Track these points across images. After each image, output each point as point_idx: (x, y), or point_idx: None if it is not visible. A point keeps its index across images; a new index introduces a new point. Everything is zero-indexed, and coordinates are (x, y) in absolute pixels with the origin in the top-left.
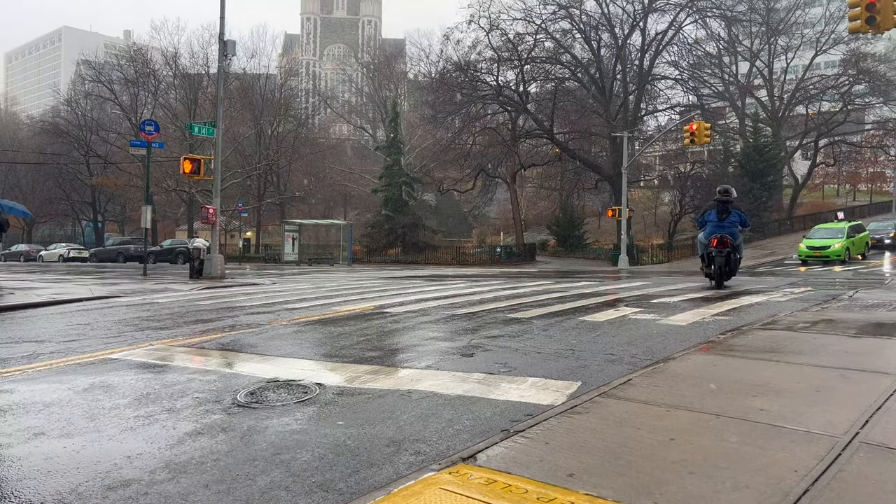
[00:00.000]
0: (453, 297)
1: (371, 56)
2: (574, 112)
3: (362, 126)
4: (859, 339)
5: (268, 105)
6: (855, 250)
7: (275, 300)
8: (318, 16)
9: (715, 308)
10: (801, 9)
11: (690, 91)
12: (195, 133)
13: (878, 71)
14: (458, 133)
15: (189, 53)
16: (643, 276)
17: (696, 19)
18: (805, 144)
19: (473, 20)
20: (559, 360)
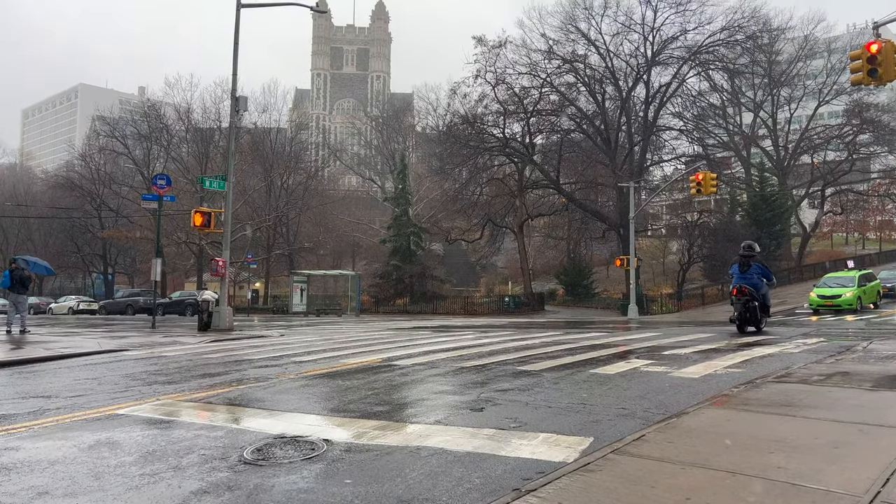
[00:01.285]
0: (462, 349)
1: (380, 110)
2: (580, 163)
3: (371, 178)
4: (876, 393)
5: (278, 158)
6: (867, 299)
7: (282, 353)
8: (329, 71)
9: (727, 360)
10: (803, 61)
11: (695, 141)
12: (206, 187)
13: (882, 121)
14: (465, 184)
15: (201, 108)
16: (653, 327)
17: (698, 72)
18: (812, 193)
19: (480, 75)
20: (570, 415)
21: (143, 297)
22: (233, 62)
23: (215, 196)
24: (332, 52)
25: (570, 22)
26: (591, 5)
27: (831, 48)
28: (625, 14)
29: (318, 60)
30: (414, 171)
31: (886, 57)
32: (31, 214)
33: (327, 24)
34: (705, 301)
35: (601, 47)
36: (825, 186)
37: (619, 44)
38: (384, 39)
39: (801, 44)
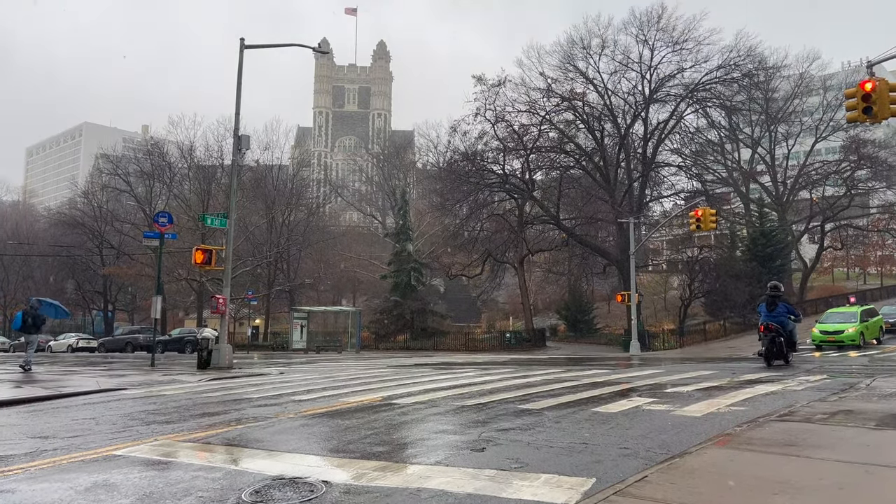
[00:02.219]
0: (463, 387)
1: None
2: (580, 198)
3: (372, 213)
4: (881, 432)
5: (280, 195)
6: (869, 335)
7: (282, 391)
8: (330, 110)
9: (730, 398)
10: (799, 98)
11: (694, 177)
12: (208, 224)
13: (879, 156)
14: (465, 220)
15: (204, 146)
16: (655, 363)
17: (696, 109)
18: (811, 229)
19: (480, 113)
20: (572, 455)
21: (143, 335)
22: (236, 101)
23: (217, 233)
24: (333, 90)
25: (568, 61)
26: (588, 45)
27: (827, 85)
28: (622, 53)
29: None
30: (415, 207)
31: (881, 95)
32: (32, 252)
33: (329, 63)
34: (707, 337)
35: (599, 85)
36: (824, 222)
37: (616, 82)
38: (385, 78)
39: (796, 81)
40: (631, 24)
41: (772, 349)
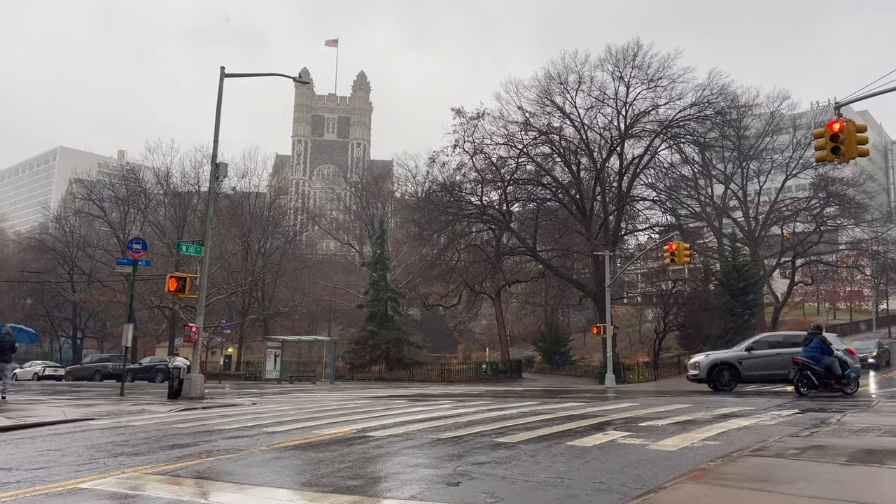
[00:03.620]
0: (438, 420)
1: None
2: (556, 230)
3: (349, 242)
4: (851, 468)
5: (256, 222)
6: None
7: (254, 423)
8: (309, 138)
9: (704, 432)
10: (770, 136)
11: (668, 212)
12: (183, 251)
13: (847, 194)
14: (443, 250)
15: (181, 173)
16: (631, 396)
17: (670, 145)
18: (783, 264)
19: (458, 145)
20: (547, 490)
21: (113, 363)
22: (214, 129)
23: (191, 260)
24: (313, 119)
25: (545, 96)
26: (566, 80)
27: (796, 124)
28: (598, 89)
29: (300, 127)
30: (392, 237)
31: (848, 136)
32: None
33: (309, 92)
34: (681, 370)
35: (576, 120)
36: (795, 257)
37: (593, 117)
38: (365, 108)
39: (767, 120)
40: (607, 61)
41: (801, 381)
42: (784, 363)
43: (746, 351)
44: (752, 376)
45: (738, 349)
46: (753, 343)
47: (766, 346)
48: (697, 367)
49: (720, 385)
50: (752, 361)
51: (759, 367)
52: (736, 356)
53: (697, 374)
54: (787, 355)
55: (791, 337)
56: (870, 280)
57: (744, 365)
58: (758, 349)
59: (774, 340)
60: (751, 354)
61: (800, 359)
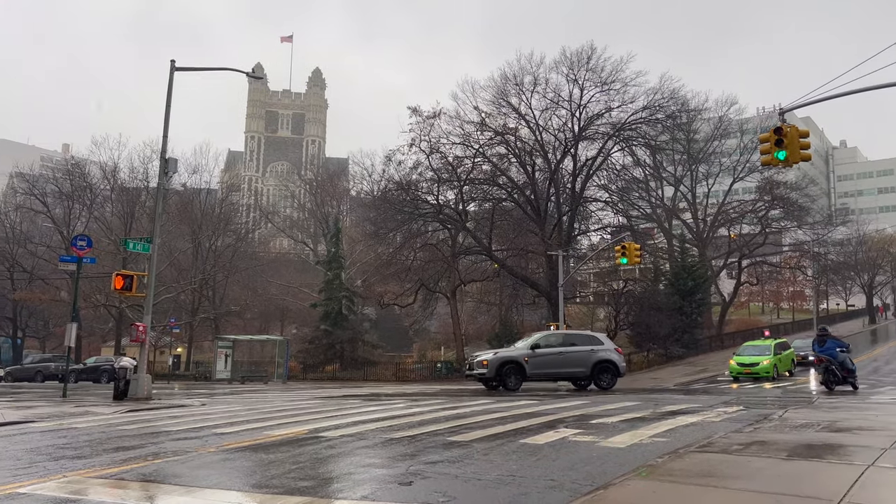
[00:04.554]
0: (392, 419)
1: (314, 173)
2: (511, 230)
3: (303, 241)
4: (791, 462)
5: (207, 219)
6: (782, 367)
7: (203, 424)
8: (263, 134)
9: (652, 429)
10: (718, 140)
11: (620, 213)
12: (130, 249)
13: (791, 198)
14: (399, 249)
15: (129, 168)
16: (582, 394)
17: (622, 147)
18: (729, 264)
19: (414, 143)
20: (500, 488)
21: (55, 363)
22: (164, 123)
23: (139, 258)
24: (267, 115)
25: (501, 96)
26: (521, 81)
27: (743, 129)
28: (553, 91)
29: (253, 123)
30: (347, 235)
31: (792, 141)
32: None
33: (263, 88)
34: (632, 368)
35: (531, 121)
36: (741, 258)
37: (548, 118)
38: (320, 105)
39: (716, 124)
40: (562, 63)
41: (829, 377)
42: (566, 362)
43: (531, 349)
44: (537, 374)
45: (523, 347)
46: (537, 341)
47: (549, 344)
48: (485, 365)
49: (510, 385)
50: (537, 360)
51: (543, 366)
52: (522, 354)
53: (485, 374)
54: (568, 354)
55: (571, 336)
56: (811, 281)
57: (529, 363)
58: (542, 347)
59: (556, 339)
60: (535, 353)
61: (823, 357)
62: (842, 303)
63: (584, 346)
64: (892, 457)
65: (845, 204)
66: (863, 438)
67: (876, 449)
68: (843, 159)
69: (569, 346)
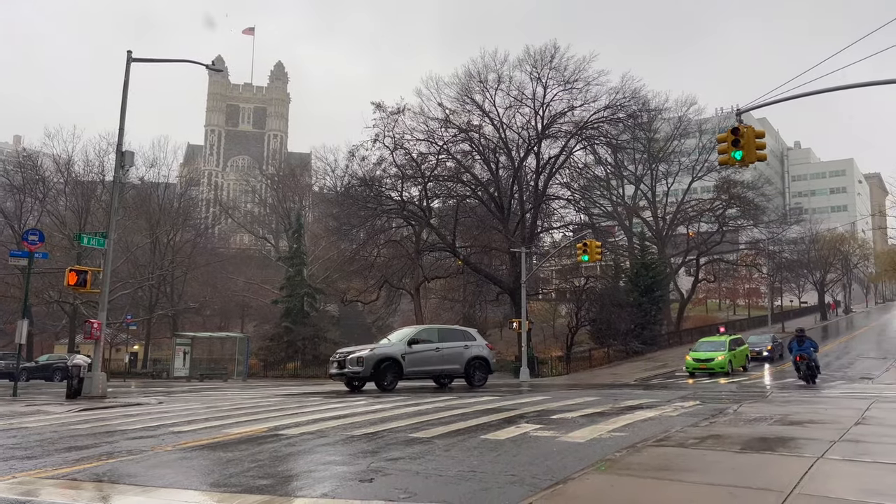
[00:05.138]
0: (353, 416)
1: (276, 168)
2: (475, 227)
3: (264, 236)
4: (745, 455)
5: (165, 214)
6: (737, 363)
7: (160, 422)
8: (224, 128)
9: (611, 424)
10: (678, 139)
11: (582, 211)
12: (84, 244)
13: (747, 197)
14: (362, 245)
15: (84, 161)
16: (544, 390)
17: (584, 146)
18: (688, 262)
19: (378, 139)
20: (461, 484)
21: (6, 361)
22: (120, 116)
23: (94, 253)
24: (228, 109)
25: (465, 93)
26: (485, 79)
27: (702, 129)
28: (517, 89)
29: (213, 117)
30: (310, 231)
31: (748, 141)
32: None
33: (224, 81)
34: (592, 364)
35: (495, 119)
36: (699, 256)
37: (511, 116)
38: (282, 99)
39: (675, 124)
40: (526, 61)
41: (808, 373)
42: (443, 358)
43: (409, 346)
44: (414, 372)
45: (399, 343)
46: (415, 336)
47: (426, 339)
48: (362, 362)
49: (385, 384)
50: (415, 357)
51: (420, 363)
52: (400, 351)
53: (360, 372)
54: (444, 350)
55: (445, 332)
56: (766, 278)
57: (407, 360)
58: (419, 343)
59: (432, 334)
60: (413, 350)
61: (804, 355)
62: (795, 300)
63: (458, 341)
64: (841, 449)
65: (799, 203)
66: (813, 431)
67: (825, 442)
68: (798, 160)
69: (444, 341)
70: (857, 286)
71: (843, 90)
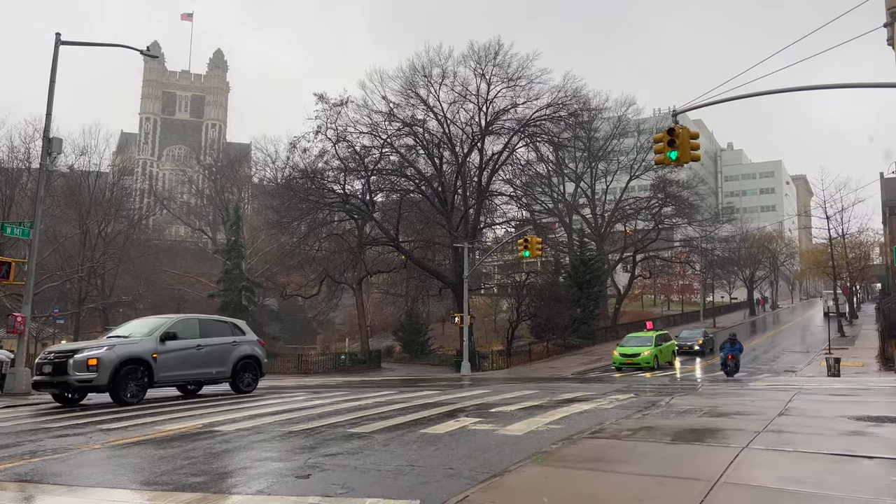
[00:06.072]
0: (291, 412)
1: (214, 159)
2: (419, 222)
3: (201, 228)
4: (675, 446)
5: (97, 204)
6: (663, 358)
7: (88, 419)
8: (159, 116)
9: (549, 416)
10: (617, 139)
11: (524, 207)
12: (8, 234)
13: (682, 196)
14: (303, 238)
15: (8, 147)
16: (484, 384)
17: (527, 143)
18: (625, 258)
19: (321, 131)
20: (399, 478)
21: None
22: (48, 100)
23: (19, 243)
24: (164, 96)
25: (410, 87)
26: (430, 73)
27: (640, 129)
28: (461, 84)
29: (149, 104)
30: (249, 224)
31: (683, 141)
32: None
33: (160, 68)
34: (532, 358)
35: (439, 114)
36: (636, 252)
37: (456, 111)
38: (221, 88)
39: (615, 123)
40: (470, 57)
41: (733, 369)
42: (206, 359)
43: (161, 342)
44: (169, 378)
45: (147, 338)
46: (170, 329)
47: (184, 334)
48: (94, 367)
49: (127, 396)
50: (171, 357)
51: (178, 366)
52: (149, 349)
53: (93, 380)
54: (209, 348)
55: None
56: (699, 275)
57: (159, 362)
58: (177, 339)
59: (191, 328)
60: (167, 347)
61: (733, 355)
62: (726, 296)
63: (225, 337)
64: (764, 439)
65: (731, 203)
66: (739, 422)
67: (750, 432)
68: (730, 161)
69: (206, 336)
70: (783, 283)
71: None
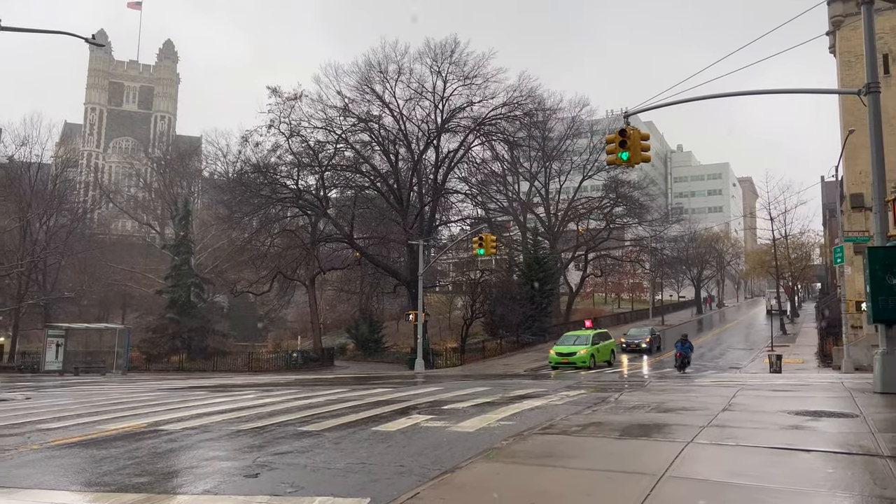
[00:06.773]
0: (240, 410)
1: (163, 151)
2: (374, 219)
3: (149, 223)
4: (623, 441)
5: (38, 197)
6: (600, 357)
7: (26, 419)
8: (106, 107)
9: (500, 413)
10: (570, 139)
11: (479, 205)
12: None
13: (633, 196)
14: (255, 234)
15: None
16: (437, 381)
17: (482, 141)
18: (577, 257)
19: (274, 125)
20: (349, 476)
21: None
22: None
23: None
24: (111, 86)
25: (365, 83)
26: (385, 69)
27: (593, 130)
28: (417, 81)
29: (94, 94)
30: (199, 218)
31: (634, 143)
32: None
33: (107, 57)
34: (486, 355)
35: (395, 110)
36: (588, 251)
37: (411, 108)
38: (171, 79)
39: (569, 124)
40: (426, 54)
41: (683, 365)
42: None
43: None
44: None
45: None
46: None
47: None
48: None
49: None
50: None
51: None
52: None
53: None
54: None
55: None
56: (649, 273)
57: None
58: None
59: None
60: None
61: (681, 353)
62: (674, 294)
63: None
64: (709, 434)
65: (680, 204)
66: (685, 418)
67: (695, 427)
68: (679, 162)
69: None
70: (729, 282)
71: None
